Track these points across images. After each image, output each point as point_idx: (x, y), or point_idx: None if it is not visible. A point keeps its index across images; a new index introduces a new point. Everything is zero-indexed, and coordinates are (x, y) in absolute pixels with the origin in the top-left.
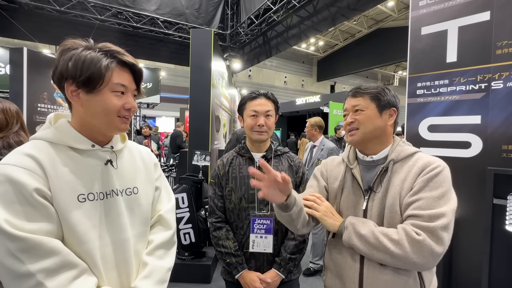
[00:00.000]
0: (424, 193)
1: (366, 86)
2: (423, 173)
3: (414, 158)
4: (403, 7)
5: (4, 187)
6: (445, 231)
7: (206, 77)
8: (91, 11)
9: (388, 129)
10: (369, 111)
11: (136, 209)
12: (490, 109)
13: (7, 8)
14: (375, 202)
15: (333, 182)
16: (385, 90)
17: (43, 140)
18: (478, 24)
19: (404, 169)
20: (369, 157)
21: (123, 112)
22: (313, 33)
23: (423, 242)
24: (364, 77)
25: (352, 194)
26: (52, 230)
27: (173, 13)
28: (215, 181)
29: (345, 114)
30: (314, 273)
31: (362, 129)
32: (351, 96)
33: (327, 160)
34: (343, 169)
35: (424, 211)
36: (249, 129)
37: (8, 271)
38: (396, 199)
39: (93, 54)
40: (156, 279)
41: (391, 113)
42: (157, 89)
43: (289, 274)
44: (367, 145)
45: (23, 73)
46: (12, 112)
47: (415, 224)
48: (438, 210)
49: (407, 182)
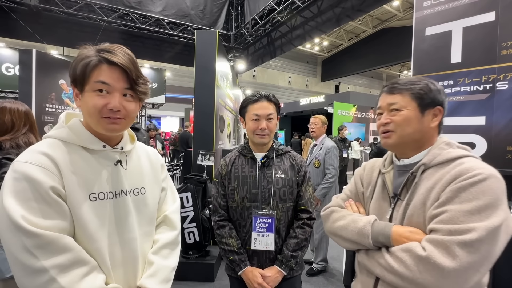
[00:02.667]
0: (451, 205)
1: (406, 81)
2: (455, 181)
3: (453, 164)
4: (408, 7)
5: (21, 184)
6: (464, 248)
7: (211, 77)
8: (98, 12)
9: (430, 131)
10: (408, 111)
11: (143, 209)
12: (495, 110)
13: (16, 10)
14: (399, 212)
15: (366, 187)
16: (430, 85)
17: (57, 139)
18: (483, 24)
19: (436, 176)
20: (401, 161)
21: (106, 112)
22: (318, 34)
23: (428, 258)
24: (369, 77)
25: (381, 200)
26: (66, 227)
27: (178, 14)
28: (218, 180)
29: (378, 113)
30: (317, 273)
31: (399, 132)
32: (387, 93)
33: (366, 162)
34: (377, 174)
35: (444, 225)
36: (251, 132)
37: (22, 266)
38: (419, 209)
39: (87, 54)
40: (161, 278)
41: (435, 113)
42: (162, 90)
43: (291, 271)
44: (403, 149)
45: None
46: (20, 113)
47: (430, 238)
48: (465, 225)
49: (434, 191)
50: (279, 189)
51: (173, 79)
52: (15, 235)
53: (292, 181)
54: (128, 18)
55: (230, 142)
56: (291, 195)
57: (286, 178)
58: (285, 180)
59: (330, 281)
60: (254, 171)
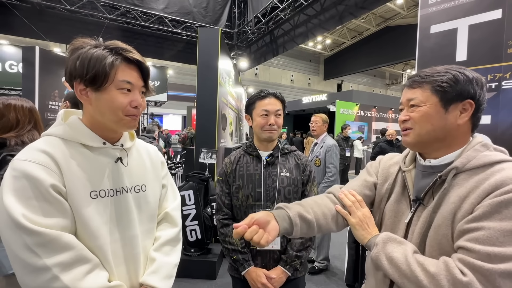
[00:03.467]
0: (489, 221)
1: (429, 72)
2: (494, 194)
3: (492, 170)
4: (412, 5)
5: (20, 183)
6: (507, 279)
7: (213, 75)
8: (101, 10)
9: (459, 129)
10: (427, 106)
11: (144, 206)
12: (501, 109)
13: (19, 8)
14: (421, 218)
15: (382, 183)
16: (458, 76)
17: (55, 136)
18: (489, 22)
19: (470, 183)
20: (427, 161)
21: (130, 109)
22: (320, 32)
23: (468, 286)
24: (372, 75)
25: (399, 201)
26: (67, 225)
27: (181, 12)
28: (223, 178)
29: (400, 109)
30: (319, 272)
31: (417, 129)
32: (407, 87)
33: (384, 156)
34: (397, 170)
35: (481, 246)
36: (259, 128)
37: (24, 265)
38: (448, 220)
39: (98, 52)
40: (164, 275)
41: (465, 107)
42: (165, 87)
43: (295, 272)
44: (425, 149)
45: (35, 72)
46: (25, 110)
47: (464, 260)
48: (508, 249)
49: (468, 201)
50: (284, 188)
51: (176, 77)
52: (16, 233)
53: (297, 180)
54: (131, 15)
55: (232, 140)
56: (296, 194)
57: (291, 177)
58: (290, 179)
59: (331, 279)
60: (259, 170)
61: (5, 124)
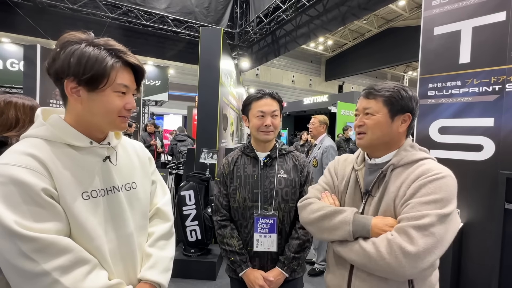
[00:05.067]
0: (414, 199)
1: (381, 87)
2: (418, 180)
3: (417, 165)
4: (414, 7)
5: (7, 189)
6: (418, 231)
7: (215, 75)
8: (103, 9)
9: (398, 135)
10: (379, 116)
11: (135, 204)
12: (504, 112)
13: (21, 6)
14: (371, 207)
15: (340, 181)
16: (401, 92)
17: (38, 138)
18: (493, 24)
19: (403, 175)
20: (372, 160)
21: (123, 112)
22: (322, 33)
23: (393, 240)
24: (373, 77)
25: (354, 195)
26: (62, 228)
27: (183, 12)
28: (220, 179)
29: (356, 114)
30: (319, 274)
31: (370, 134)
32: (363, 97)
33: (340, 157)
34: (351, 169)
35: (405, 215)
36: (255, 129)
37: (20, 272)
38: (390, 206)
39: (97, 52)
40: (161, 268)
41: (404, 119)
42: (166, 87)
43: (293, 273)
44: (374, 150)
45: (36, 70)
46: (26, 109)
47: (395, 227)
48: (420, 213)
49: (402, 189)
50: (282, 189)
51: (177, 76)
52: (10, 241)
53: (294, 182)
54: (133, 14)
55: (233, 141)
56: (293, 195)
57: (289, 178)
58: (287, 180)
59: None
60: (256, 171)
61: (4, 122)
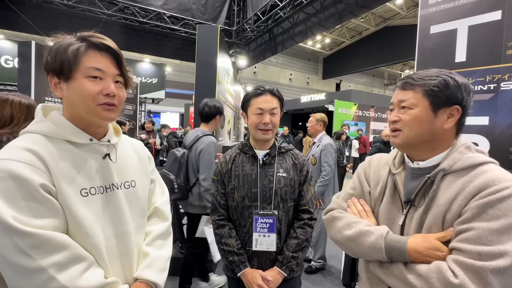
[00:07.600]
0: (477, 222)
1: (421, 75)
2: (480, 195)
3: (476, 171)
4: (411, 5)
5: (6, 184)
6: (497, 275)
7: (212, 73)
8: (98, 5)
9: (445, 133)
10: (418, 110)
11: (134, 202)
12: (499, 111)
13: (16, 2)
14: (414, 219)
15: (374, 187)
16: (448, 81)
17: (38, 133)
18: (488, 23)
19: (457, 185)
20: (415, 163)
21: (101, 98)
22: (320, 30)
23: (460, 287)
24: (371, 75)
25: (391, 204)
26: (59, 225)
27: (180, 9)
28: (218, 178)
29: (391, 109)
30: (315, 271)
31: (406, 132)
32: (399, 88)
33: (372, 157)
34: (387, 172)
35: (472, 246)
36: (253, 127)
37: (16, 268)
38: (438, 221)
39: (66, 41)
40: (158, 268)
41: (452, 112)
42: (162, 85)
43: (291, 272)
44: (413, 151)
45: (31, 67)
46: (22, 107)
47: (457, 260)
48: (496, 248)
49: (456, 202)
50: (281, 189)
51: (173, 74)
52: (7, 236)
53: (294, 181)
54: (129, 11)
55: (230, 139)
56: (292, 194)
57: (288, 177)
58: (287, 179)
59: (328, 279)
60: (255, 170)
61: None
